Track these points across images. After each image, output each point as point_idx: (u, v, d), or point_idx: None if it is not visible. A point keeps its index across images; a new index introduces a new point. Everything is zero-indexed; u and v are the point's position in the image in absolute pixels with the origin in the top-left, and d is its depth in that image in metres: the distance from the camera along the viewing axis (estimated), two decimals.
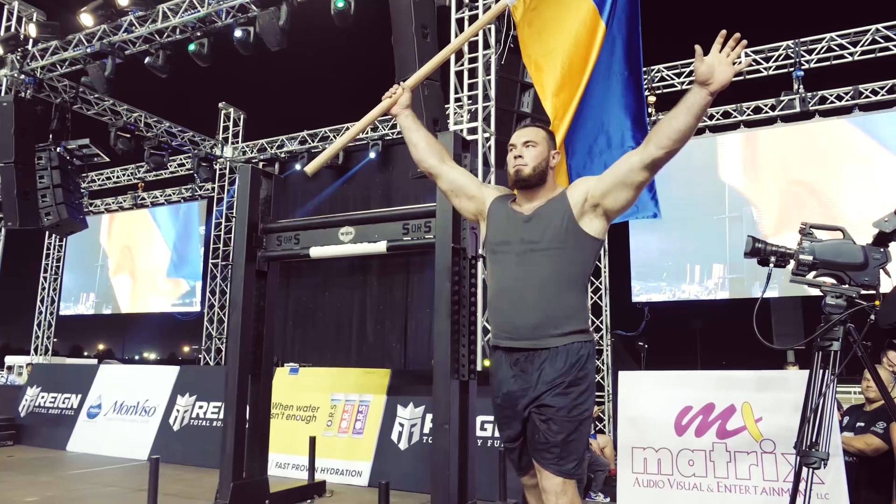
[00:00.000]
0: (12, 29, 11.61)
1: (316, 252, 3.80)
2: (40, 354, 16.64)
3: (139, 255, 16.17)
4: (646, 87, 10.38)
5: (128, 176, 16.22)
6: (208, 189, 15.13)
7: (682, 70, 10.27)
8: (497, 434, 4.84)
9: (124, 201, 16.82)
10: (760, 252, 2.72)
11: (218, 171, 14.69)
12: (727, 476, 3.80)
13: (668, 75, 10.35)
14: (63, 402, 6.86)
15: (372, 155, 12.55)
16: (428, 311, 11.57)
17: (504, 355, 2.23)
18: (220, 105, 14.77)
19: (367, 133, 12.58)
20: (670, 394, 4.21)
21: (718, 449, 3.87)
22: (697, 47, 2.01)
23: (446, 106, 8.02)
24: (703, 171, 10.31)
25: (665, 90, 10.50)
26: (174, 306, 15.56)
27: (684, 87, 10.26)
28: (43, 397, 7.08)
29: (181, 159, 15.00)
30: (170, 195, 16.18)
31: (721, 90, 2.00)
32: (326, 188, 13.08)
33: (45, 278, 17.00)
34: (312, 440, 4.64)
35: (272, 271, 4.11)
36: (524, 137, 2.31)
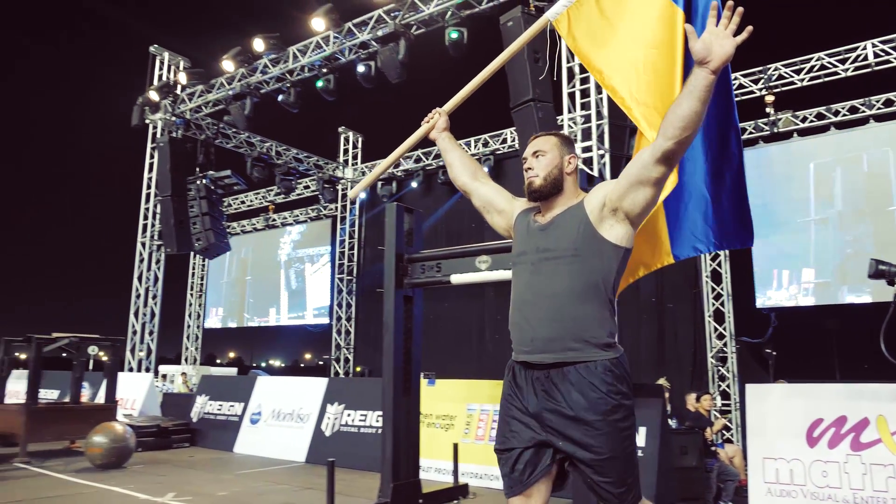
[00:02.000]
0: (164, 77, 13.16)
1: (456, 279, 4.26)
2: (189, 364, 18.39)
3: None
4: (763, 86, 10.18)
5: (259, 199, 17.65)
6: (332, 209, 16.21)
7: (801, 66, 9.94)
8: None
9: (257, 223, 18.32)
10: (885, 274, 2.86)
11: (340, 192, 15.73)
12: (863, 488, 3.86)
13: (786, 73, 10.06)
14: (228, 410, 7.80)
15: (484, 170, 13.03)
16: None
17: (524, 373, 2.10)
18: (340, 130, 15.82)
19: (479, 149, 13.08)
20: (800, 405, 4.30)
21: (853, 461, 3.94)
22: (688, 26, 1.93)
23: (559, 121, 8.31)
24: (790, 173, 10.07)
25: (785, 88, 10.20)
26: (290, 319, 16.88)
27: (804, 83, 9.95)
28: (211, 405, 8.07)
29: (307, 182, 16.17)
30: (297, 216, 17.46)
31: (723, 66, 1.86)
32: (442, 204, 13.70)
33: (191, 295, 18.79)
34: (455, 447, 5.11)
35: (417, 295, 4.61)
36: (533, 148, 2.25)
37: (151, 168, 13.21)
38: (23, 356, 7.81)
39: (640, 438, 5.08)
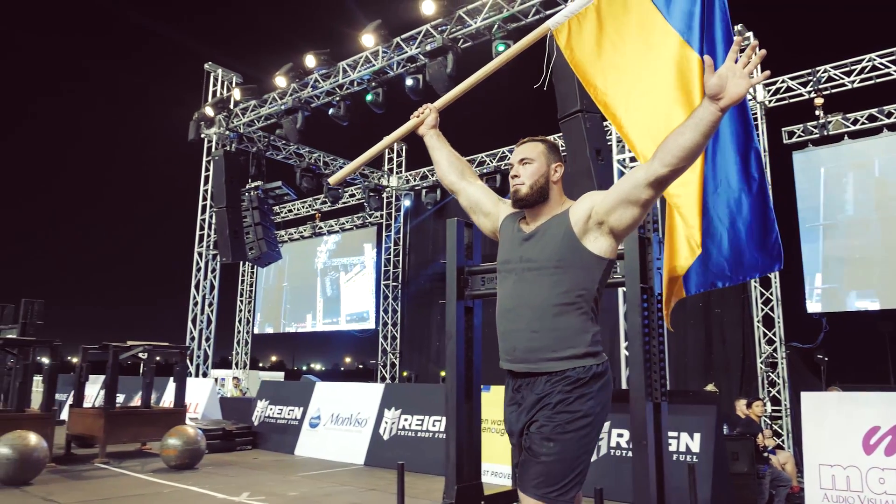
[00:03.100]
0: (218, 93, 13.70)
1: None
2: (240, 368, 18.96)
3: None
4: (812, 88, 10.10)
5: (306, 208, 18.14)
6: (377, 216, 16.56)
7: (853, 68, 9.84)
8: (682, 448, 5.22)
9: (304, 230, 18.81)
10: None
11: (385, 200, 16.08)
12: None
13: (835, 74, 9.98)
14: (288, 414, 8.14)
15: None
16: None
17: (509, 380, 2.18)
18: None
19: None
20: (856, 413, 4.36)
21: None
22: (707, 58, 1.86)
23: (608, 134, 8.44)
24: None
25: (834, 90, 10.11)
26: (325, 324, 17.47)
27: (854, 85, 9.85)
28: (271, 409, 8.42)
29: (352, 190, 16.58)
30: (343, 223, 17.88)
31: (733, 105, 1.82)
32: None
33: (241, 301, 19.37)
34: None
35: (477, 306, 4.82)
36: (520, 155, 2.24)
37: (207, 180, 13.75)
38: (73, 359, 8.31)
39: (695, 444, 5.19)
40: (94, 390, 10.87)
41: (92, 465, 6.74)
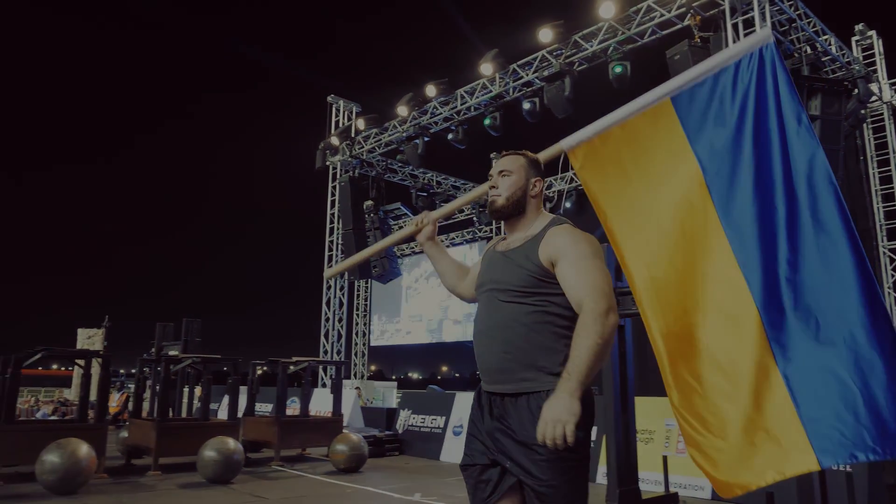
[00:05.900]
0: (340, 123, 14.76)
1: None
2: (358, 378, 20.03)
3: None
4: None
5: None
6: (486, 231, 17.15)
7: None
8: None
9: (415, 246, 19.70)
10: None
11: None
12: None
13: None
14: (431, 422, 8.78)
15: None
16: None
17: (488, 398, 2.11)
18: (492, 155, 16.76)
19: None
20: None
21: None
22: None
23: None
24: None
25: None
26: (407, 334, 18.85)
27: None
28: (414, 418, 9.11)
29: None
30: (453, 238, 18.61)
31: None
32: (598, 224, 14.14)
33: (357, 314, 20.48)
34: (665, 459, 5.63)
35: (627, 324, 5.22)
36: (499, 167, 2.23)
37: (333, 204, 14.82)
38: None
39: None
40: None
41: (270, 468, 7.62)
